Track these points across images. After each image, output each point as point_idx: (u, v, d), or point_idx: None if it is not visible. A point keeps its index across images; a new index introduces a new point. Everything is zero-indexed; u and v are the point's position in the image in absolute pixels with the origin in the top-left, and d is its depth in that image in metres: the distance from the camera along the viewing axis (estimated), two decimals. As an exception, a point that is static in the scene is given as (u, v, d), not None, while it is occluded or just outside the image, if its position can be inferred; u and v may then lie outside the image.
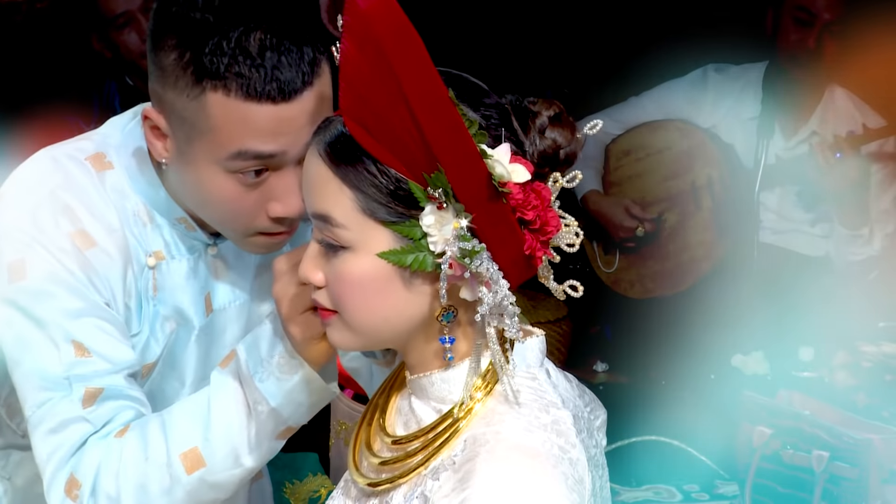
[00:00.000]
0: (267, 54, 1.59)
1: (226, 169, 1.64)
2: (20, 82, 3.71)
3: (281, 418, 1.66)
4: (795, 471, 2.81)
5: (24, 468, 1.90)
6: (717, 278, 3.87)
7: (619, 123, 4.05)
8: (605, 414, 1.58)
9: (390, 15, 1.31)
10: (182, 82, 1.62)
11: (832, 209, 3.73)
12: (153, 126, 1.69)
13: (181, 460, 1.65)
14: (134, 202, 1.77)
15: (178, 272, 1.80)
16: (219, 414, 1.65)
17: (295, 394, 1.64)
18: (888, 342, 3.19)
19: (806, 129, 3.85)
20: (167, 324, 1.80)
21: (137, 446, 1.65)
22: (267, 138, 1.61)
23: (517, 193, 1.37)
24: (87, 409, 1.67)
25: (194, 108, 1.62)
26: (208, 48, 1.59)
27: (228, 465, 1.66)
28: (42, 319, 1.68)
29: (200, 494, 1.67)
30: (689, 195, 3.93)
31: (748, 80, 3.93)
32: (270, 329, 1.65)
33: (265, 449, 1.68)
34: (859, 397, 3.09)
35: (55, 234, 1.69)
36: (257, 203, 1.67)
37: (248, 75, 1.59)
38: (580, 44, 4.31)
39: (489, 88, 1.45)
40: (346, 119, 1.38)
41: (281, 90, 1.59)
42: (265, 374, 1.63)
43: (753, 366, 3.65)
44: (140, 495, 1.65)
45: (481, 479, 1.33)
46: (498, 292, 1.37)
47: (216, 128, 1.61)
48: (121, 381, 1.70)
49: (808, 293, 3.72)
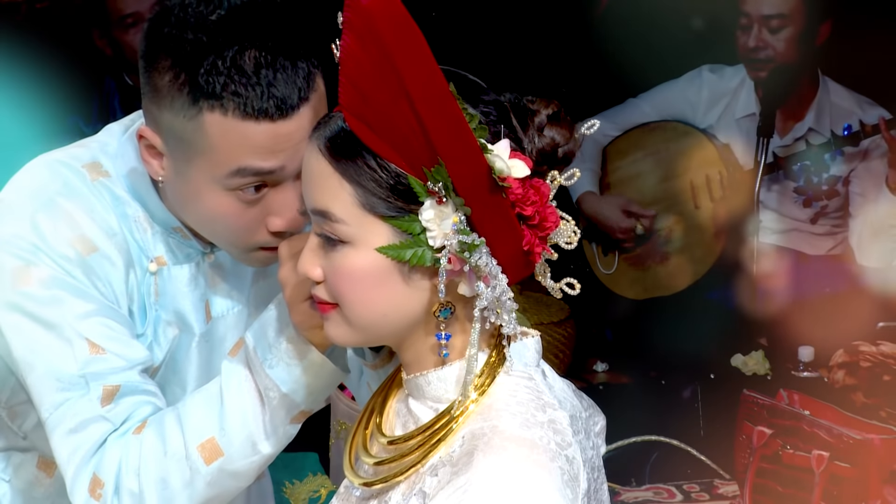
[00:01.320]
0: (262, 72, 1.58)
1: (225, 187, 1.64)
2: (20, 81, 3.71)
3: (294, 403, 1.66)
4: (795, 471, 2.81)
5: (24, 470, 1.90)
6: (717, 278, 3.87)
7: (617, 125, 4.05)
8: (603, 420, 1.58)
9: (392, 10, 1.31)
10: (178, 103, 1.61)
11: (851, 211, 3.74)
12: (149, 145, 1.69)
13: (199, 452, 1.65)
14: (134, 209, 1.77)
15: (179, 278, 1.80)
16: (232, 403, 1.65)
17: (305, 378, 1.64)
18: (887, 342, 3.19)
19: (802, 126, 3.86)
20: (170, 329, 1.80)
21: (156, 441, 1.66)
22: (266, 155, 1.61)
23: (517, 188, 1.37)
24: (105, 408, 1.67)
25: (192, 129, 1.62)
26: (203, 68, 1.59)
27: (247, 453, 1.66)
28: (51, 321, 1.67)
29: (221, 484, 1.67)
30: (688, 195, 3.94)
31: (742, 79, 3.94)
32: (276, 315, 1.65)
33: (281, 434, 1.67)
34: (858, 397, 3.09)
35: (56, 241, 1.69)
36: (257, 218, 1.67)
37: (244, 94, 1.58)
38: (577, 46, 4.31)
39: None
40: (346, 115, 1.39)
41: (278, 107, 1.59)
42: (274, 361, 1.63)
43: (753, 366, 3.66)
44: (162, 490, 1.65)
45: (479, 470, 1.33)
46: (496, 287, 1.37)
47: (214, 147, 1.61)
48: (136, 377, 1.70)
49: (808, 293, 3.72)
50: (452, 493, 1.34)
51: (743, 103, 3.93)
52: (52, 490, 1.87)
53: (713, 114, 3.95)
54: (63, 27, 3.98)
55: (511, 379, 1.43)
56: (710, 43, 4.10)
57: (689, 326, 3.68)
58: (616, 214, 3.97)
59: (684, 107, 3.99)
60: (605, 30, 4.26)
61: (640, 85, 4.08)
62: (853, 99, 3.86)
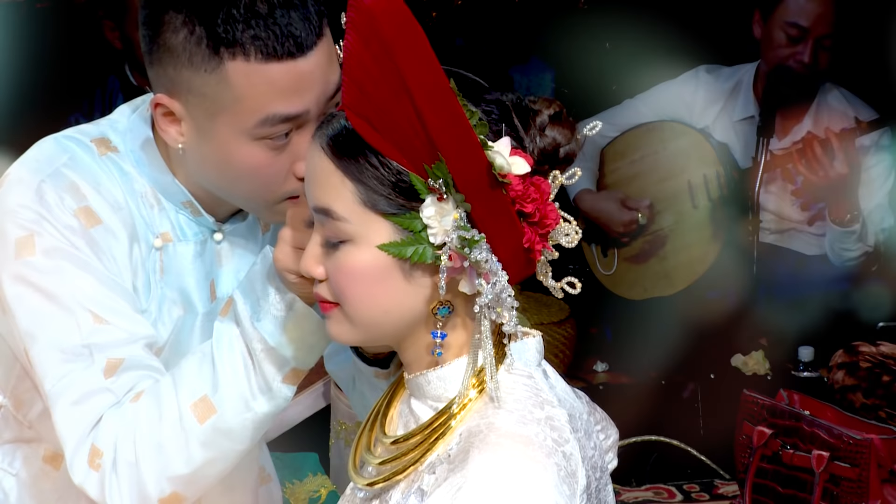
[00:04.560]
0: (277, 12, 1.60)
1: (253, 137, 1.64)
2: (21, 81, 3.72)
3: (283, 358, 1.65)
4: (795, 471, 2.81)
5: (30, 464, 1.89)
6: (717, 278, 3.87)
7: (614, 126, 4.05)
8: (616, 434, 1.59)
9: (394, 9, 1.32)
10: (197, 58, 1.62)
11: (825, 207, 3.73)
12: (166, 112, 1.68)
13: (192, 411, 1.64)
14: (141, 184, 1.76)
15: (184, 255, 1.79)
16: (222, 360, 1.65)
17: (292, 331, 1.63)
18: (887, 342, 3.20)
19: (800, 128, 3.86)
20: (174, 308, 1.80)
21: (152, 407, 1.65)
22: (292, 97, 1.62)
23: (517, 185, 1.38)
24: (109, 380, 1.66)
25: (214, 82, 1.62)
26: (220, 18, 1.60)
27: (240, 410, 1.65)
28: (54, 292, 1.67)
29: (216, 444, 1.66)
30: (686, 195, 3.94)
31: (739, 80, 3.94)
32: (261, 269, 1.64)
33: (275, 391, 1.66)
34: (858, 397, 3.10)
35: (60, 212, 1.69)
36: (285, 166, 1.67)
37: (264, 36, 1.59)
38: (575, 47, 4.31)
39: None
40: (348, 114, 1.39)
41: (298, 45, 1.60)
42: (262, 314, 1.63)
43: (753, 366, 3.66)
44: (158, 456, 1.64)
45: (475, 467, 1.33)
46: (497, 284, 1.37)
47: (241, 97, 1.62)
48: (139, 352, 1.69)
49: (808, 293, 3.73)
50: (449, 491, 1.34)
51: (742, 105, 3.92)
52: (59, 483, 1.87)
53: (710, 114, 3.95)
54: (64, 27, 3.98)
55: (510, 377, 1.43)
56: (708, 43, 4.10)
57: (689, 326, 3.68)
58: (614, 208, 3.97)
59: (680, 107, 3.99)
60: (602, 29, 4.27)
61: (637, 86, 4.08)
62: (851, 102, 3.86)
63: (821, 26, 3.70)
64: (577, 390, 1.58)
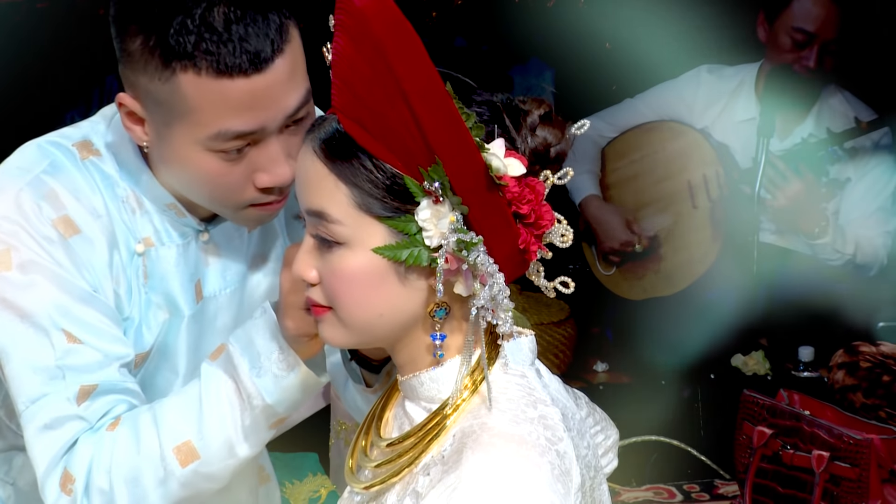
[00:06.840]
0: (233, 27, 1.56)
1: (206, 148, 1.63)
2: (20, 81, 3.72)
3: (275, 412, 1.66)
4: (795, 471, 2.81)
5: (27, 471, 1.88)
6: (717, 278, 3.87)
7: (614, 126, 4.05)
8: (616, 434, 1.58)
9: (386, 11, 1.32)
10: (151, 66, 1.60)
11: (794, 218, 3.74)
12: (129, 112, 1.67)
13: (175, 454, 1.64)
14: (123, 188, 1.75)
15: (167, 259, 1.78)
16: (211, 407, 1.65)
17: (291, 391, 1.64)
18: (887, 342, 3.19)
19: (802, 130, 3.85)
20: (160, 312, 1.79)
21: (129, 440, 1.65)
22: (245, 115, 1.59)
23: (513, 187, 1.38)
24: (81, 406, 1.66)
25: (168, 91, 1.60)
26: (173, 28, 1.57)
27: (223, 457, 1.66)
28: (29, 310, 1.66)
29: (195, 485, 1.67)
30: (685, 195, 3.93)
31: (741, 80, 3.93)
32: (264, 325, 1.64)
33: (260, 439, 1.68)
34: (858, 397, 3.09)
35: (39, 222, 1.68)
36: (243, 175, 1.65)
37: (216, 51, 1.56)
38: (574, 47, 4.32)
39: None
40: (340, 116, 1.39)
41: (252, 61, 1.57)
42: (262, 371, 1.63)
43: (753, 366, 3.66)
44: (133, 489, 1.64)
45: (468, 468, 1.34)
46: (493, 286, 1.38)
47: (193, 109, 1.60)
48: (114, 374, 1.69)
49: (808, 293, 3.72)
50: (443, 492, 1.34)
51: (743, 106, 3.92)
52: None
53: (710, 114, 3.94)
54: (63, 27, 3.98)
55: (503, 377, 1.43)
56: (709, 43, 4.10)
57: (689, 326, 3.68)
58: (618, 225, 3.96)
59: (680, 107, 3.98)
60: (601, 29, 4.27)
61: (637, 86, 4.08)
62: (853, 104, 3.86)
63: (827, 31, 3.69)
64: (577, 391, 1.58)
